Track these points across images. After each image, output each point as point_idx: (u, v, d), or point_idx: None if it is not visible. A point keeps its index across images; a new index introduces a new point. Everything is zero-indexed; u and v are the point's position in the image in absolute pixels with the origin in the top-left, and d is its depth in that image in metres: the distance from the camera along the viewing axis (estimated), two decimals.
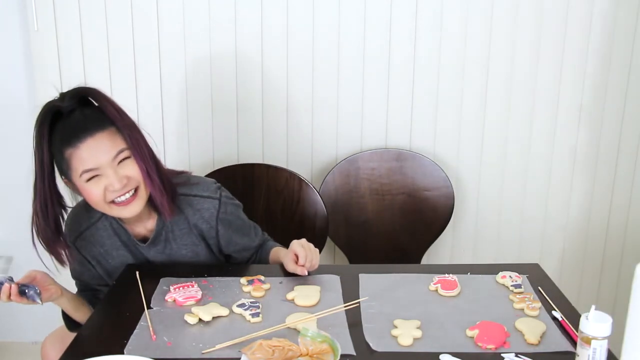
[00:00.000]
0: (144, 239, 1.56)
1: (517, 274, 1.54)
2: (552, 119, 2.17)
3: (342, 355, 1.16)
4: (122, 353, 1.21)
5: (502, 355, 1.22)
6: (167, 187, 1.45)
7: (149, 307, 1.39)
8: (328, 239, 2.10)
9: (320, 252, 2.04)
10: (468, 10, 2.07)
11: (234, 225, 1.61)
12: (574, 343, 1.24)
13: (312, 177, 2.20)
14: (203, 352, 1.22)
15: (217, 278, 1.54)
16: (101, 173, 1.36)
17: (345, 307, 1.37)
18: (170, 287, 1.46)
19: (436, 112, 2.16)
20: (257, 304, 1.38)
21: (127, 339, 1.26)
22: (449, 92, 2.14)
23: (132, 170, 1.39)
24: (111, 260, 1.56)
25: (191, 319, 1.33)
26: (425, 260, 2.23)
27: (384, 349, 1.24)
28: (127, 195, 1.40)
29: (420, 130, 2.18)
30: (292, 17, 2.07)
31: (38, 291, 1.37)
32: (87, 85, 1.44)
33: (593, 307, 1.10)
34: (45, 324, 2.16)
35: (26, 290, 1.36)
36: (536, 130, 2.18)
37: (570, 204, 2.26)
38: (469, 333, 1.29)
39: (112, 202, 1.40)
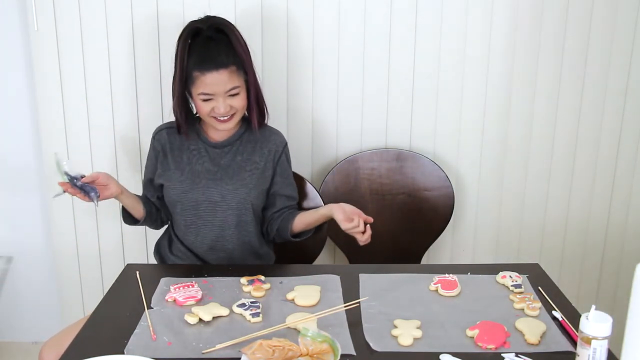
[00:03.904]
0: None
1: (517, 274, 1.54)
2: (551, 119, 2.17)
3: (342, 355, 1.16)
4: (122, 353, 1.21)
5: (502, 355, 1.22)
6: (261, 112, 1.80)
7: (149, 307, 1.39)
8: (328, 239, 2.10)
9: (320, 252, 2.06)
10: (468, 11, 2.07)
11: (286, 172, 1.84)
12: (574, 343, 1.24)
13: (312, 177, 2.20)
14: (203, 352, 1.22)
15: (218, 278, 1.54)
16: (214, 98, 1.67)
17: (345, 307, 1.37)
18: (171, 287, 1.46)
19: (436, 112, 2.16)
20: (257, 304, 1.39)
21: (127, 339, 1.26)
22: (449, 92, 2.14)
23: (238, 102, 1.69)
24: (181, 158, 1.78)
25: (191, 319, 1.33)
26: (425, 260, 2.23)
27: (384, 349, 1.24)
28: (227, 116, 1.70)
29: (420, 130, 2.18)
30: (292, 17, 2.07)
31: (98, 194, 1.57)
32: (226, 20, 1.72)
33: (593, 307, 1.10)
34: (45, 324, 2.17)
35: (88, 191, 1.56)
36: (536, 130, 2.18)
37: (570, 204, 2.26)
38: (469, 333, 1.29)
39: (213, 116, 1.70)
